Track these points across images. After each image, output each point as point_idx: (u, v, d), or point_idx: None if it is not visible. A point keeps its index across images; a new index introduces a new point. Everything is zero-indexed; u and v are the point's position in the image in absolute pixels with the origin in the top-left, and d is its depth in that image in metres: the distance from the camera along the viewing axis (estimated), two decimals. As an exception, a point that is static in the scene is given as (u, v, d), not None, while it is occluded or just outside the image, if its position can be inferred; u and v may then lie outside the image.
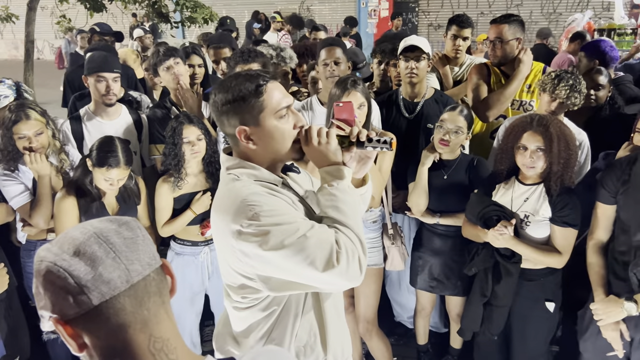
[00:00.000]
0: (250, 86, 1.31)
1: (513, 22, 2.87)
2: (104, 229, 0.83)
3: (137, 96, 3.31)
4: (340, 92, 2.30)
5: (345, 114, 2.19)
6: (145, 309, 0.82)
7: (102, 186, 2.34)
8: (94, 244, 0.80)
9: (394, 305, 3.27)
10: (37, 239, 2.57)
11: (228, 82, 1.35)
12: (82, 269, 0.77)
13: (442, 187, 2.55)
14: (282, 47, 3.02)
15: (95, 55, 2.84)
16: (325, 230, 1.27)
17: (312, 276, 1.25)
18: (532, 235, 2.24)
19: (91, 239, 0.80)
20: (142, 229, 0.88)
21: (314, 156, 1.37)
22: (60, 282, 0.77)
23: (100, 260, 0.78)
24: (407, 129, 2.83)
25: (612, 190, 2.06)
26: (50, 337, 2.69)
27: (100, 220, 0.86)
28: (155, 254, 0.87)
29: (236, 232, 1.26)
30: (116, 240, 0.81)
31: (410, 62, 2.73)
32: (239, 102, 1.31)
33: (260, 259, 1.25)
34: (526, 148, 2.15)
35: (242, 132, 1.33)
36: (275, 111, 1.33)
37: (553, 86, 2.45)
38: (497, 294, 2.31)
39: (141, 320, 0.81)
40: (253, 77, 1.34)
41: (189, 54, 3.28)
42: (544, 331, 2.34)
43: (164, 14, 6.71)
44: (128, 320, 0.80)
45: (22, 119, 2.39)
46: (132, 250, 0.82)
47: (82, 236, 0.81)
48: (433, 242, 2.63)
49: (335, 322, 1.53)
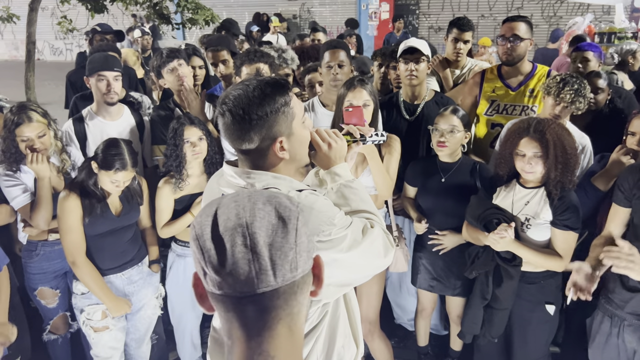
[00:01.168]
0: (282, 94, 1.26)
1: (527, 21, 2.90)
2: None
3: (139, 97, 3.32)
4: (346, 90, 2.32)
5: (355, 118, 2.19)
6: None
7: (107, 187, 2.34)
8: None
9: (394, 307, 3.27)
10: (38, 239, 2.58)
11: (249, 94, 1.24)
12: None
13: (439, 191, 2.54)
14: (284, 49, 3.01)
15: (95, 56, 2.85)
16: (362, 220, 1.32)
17: (378, 264, 1.32)
18: (532, 239, 2.24)
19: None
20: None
21: (323, 158, 1.40)
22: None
23: None
24: (408, 131, 2.84)
25: (628, 194, 2.02)
26: (50, 337, 2.70)
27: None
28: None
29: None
30: None
31: (410, 64, 2.74)
32: (276, 113, 1.25)
33: (337, 263, 1.22)
34: (524, 154, 2.15)
35: (279, 143, 1.27)
36: (301, 117, 1.32)
37: (558, 90, 2.45)
38: (498, 297, 2.31)
39: None
40: (277, 85, 1.28)
41: (189, 56, 3.28)
42: (544, 334, 2.34)
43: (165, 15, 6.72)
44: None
45: (24, 121, 2.39)
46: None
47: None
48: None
49: (358, 314, 1.52)
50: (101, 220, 2.34)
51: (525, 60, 2.94)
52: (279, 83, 1.29)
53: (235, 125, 1.25)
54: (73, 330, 2.77)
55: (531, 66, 2.98)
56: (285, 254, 0.78)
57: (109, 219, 2.37)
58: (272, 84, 1.27)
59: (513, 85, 2.95)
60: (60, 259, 2.59)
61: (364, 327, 2.61)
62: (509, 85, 2.96)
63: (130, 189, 2.45)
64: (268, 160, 1.30)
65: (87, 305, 2.40)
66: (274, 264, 0.77)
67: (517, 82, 2.95)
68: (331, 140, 1.40)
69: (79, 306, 2.43)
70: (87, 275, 2.32)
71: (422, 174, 2.61)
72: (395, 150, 2.42)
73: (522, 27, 2.85)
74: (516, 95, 2.94)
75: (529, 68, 2.96)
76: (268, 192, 0.86)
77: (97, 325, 2.40)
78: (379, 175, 2.29)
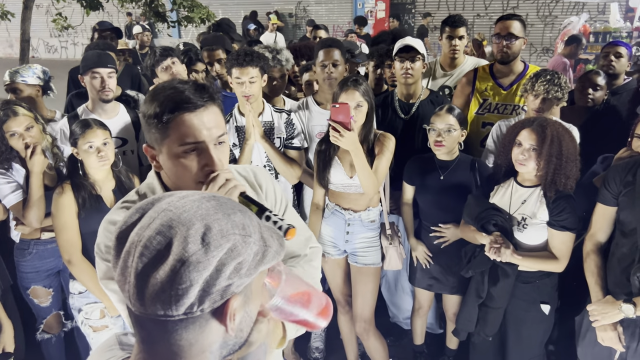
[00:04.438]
0: (157, 107, 1.12)
1: (521, 20, 2.92)
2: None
3: (134, 95, 3.31)
4: (339, 90, 2.32)
5: (341, 115, 2.20)
6: None
7: (92, 164, 2.28)
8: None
9: (389, 306, 3.28)
10: (30, 238, 2.56)
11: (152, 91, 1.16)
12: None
13: (438, 188, 2.54)
14: (279, 49, 2.98)
15: (88, 54, 2.84)
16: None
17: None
18: (529, 238, 2.24)
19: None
20: None
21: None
22: None
23: None
24: (403, 130, 2.84)
25: (614, 192, 2.05)
26: (44, 336, 2.69)
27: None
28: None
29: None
30: None
31: (405, 63, 2.74)
32: (145, 119, 1.15)
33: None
34: (521, 144, 2.17)
35: (148, 149, 1.20)
36: (176, 145, 1.13)
37: (532, 84, 2.49)
38: (493, 295, 2.31)
39: None
40: (170, 96, 1.12)
41: (192, 61, 3.27)
42: (539, 333, 2.34)
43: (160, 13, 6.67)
44: None
45: (10, 116, 2.39)
46: None
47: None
48: (431, 241, 2.63)
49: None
50: (96, 215, 2.32)
51: (517, 60, 2.95)
52: (175, 96, 1.12)
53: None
54: (67, 329, 2.76)
55: (523, 66, 2.99)
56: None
57: (104, 214, 2.35)
58: (171, 91, 1.13)
59: (505, 85, 2.96)
60: (53, 257, 2.58)
61: (360, 326, 2.62)
62: (501, 85, 2.97)
63: (123, 182, 2.42)
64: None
65: (85, 305, 2.37)
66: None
67: (509, 82, 2.96)
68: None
69: (76, 306, 2.40)
70: (83, 274, 2.30)
71: (420, 172, 2.61)
72: (387, 148, 2.41)
73: (517, 25, 2.86)
74: (507, 94, 2.95)
75: (521, 68, 2.97)
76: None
77: (96, 324, 2.38)
78: (363, 173, 2.29)
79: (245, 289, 0.73)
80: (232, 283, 0.69)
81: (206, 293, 0.67)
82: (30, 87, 2.91)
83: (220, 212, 0.71)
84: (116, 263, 0.72)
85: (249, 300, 0.76)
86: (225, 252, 0.68)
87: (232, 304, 0.70)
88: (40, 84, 2.96)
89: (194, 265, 0.66)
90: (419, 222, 2.72)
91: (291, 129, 2.65)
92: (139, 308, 0.69)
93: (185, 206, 0.71)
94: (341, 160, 2.44)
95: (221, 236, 0.68)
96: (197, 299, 0.67)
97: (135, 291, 0.68)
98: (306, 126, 2.81)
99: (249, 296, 0.75)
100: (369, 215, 2.52)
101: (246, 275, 0.71)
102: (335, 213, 2.54)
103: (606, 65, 3.42)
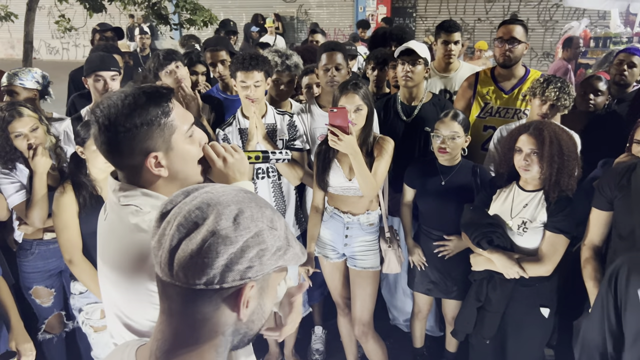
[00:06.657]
0: (158, 105, 1.14)
1: (523, 25, 2.93)
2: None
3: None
4: (339, 94, 2.34)
5: (339, 120, 2.21)
6: None
7: (99, 164, 2.27)
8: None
9: (390, 308, 3.28)
10: (33, 238, 2.57)
11: (120, 103, 1.12)
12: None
13: (439, 193, 2.55)
14: (288, 54, 2.97)
15: (92, 57, 2.86)
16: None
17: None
18: (528, 242, 2.25)
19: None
20: None
21: (219, 174, 1.27)
22: None
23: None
24: (405, 132, 2.85)
25: (609, 197, 2.07)
26: (45, 337, 2.69)
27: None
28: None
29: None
30: None
31: (406, 66, 2.76)
32: (149, 126, 1.12)
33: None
34: (521, 151, 2.19)
35: (154, 158, 1.15)
36: (185, 131, 1.19)
37: (542, 89, 2.50)
38: (491, 300, 2.32)
39: None
40: (154, 94, 1.15)
41: (193, 63, 3.27)
42: (539, 336, 2.35)
43: (163, 15, 6.69)
44: None
45: (15, 117, 2.40)
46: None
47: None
48: (429, 245, 2.64)
49: None
50: (96, 215, 2.33)
51: (519, 64, 2.97)
52: (158, 93, 1.16)
53: (102, 136, 1.13)
54: (68, 329, 2.76)
55: (524, 70, 3.01)
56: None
57: None
58: (150, 93, 1.15)
59: (506, 89, 2.98)
60: (55, 257, 2.59)
61: (358, 329, 2.62)
62: (502, 89, 2.98)
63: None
64: (143, 176, 1.18)
65: (85, 305, 2.38)
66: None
67: (511, 86, 2.97)
68: (227, 155, 1.27)
69: (77, 306, 2.41)
70: (84, 274, 2.31)
71: (421, 176, 2.61)
72: (386, 152, 2.42)
73: (519, 30, 2.88)
74: (509, 98, 2.96)
75: (523, 72, 2.99)
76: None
77: (97, 324, 2.38)
78: (362, 176, 2.31)
79: (262, 281, 0.80)
80: (253, 267, 0.76)
81: (228, 269, 0.74)
82: (27, 91, 2.90)
83: (254, 202, 0.80)
84: (155, 233, 0.80)
85: (264, 293, 0.82)
86: (252, 235, 0.76)
87: (247, 290, 0.77)
88: (38, 88, 2.95)
89: (223, 238, 0.74)
90: (419, 226, 2.73)
91: (293, 130, 2.66)
92: (167, 274, 0.76)
93: (225, 191, 0.81)
94: (340, 163, 2.45)
95: (251, 220, 0.77)
96: (219, 272, 0.74)
97: (167, 256, 0.76)
98: (308, 129, 2.83)
99: (265, 289, 0.82)
100: (368, 219, 2.53)
101: (267, 263, 0.78)
102: (334, 216, 2.55)
103: (618, 74, 3.40)
